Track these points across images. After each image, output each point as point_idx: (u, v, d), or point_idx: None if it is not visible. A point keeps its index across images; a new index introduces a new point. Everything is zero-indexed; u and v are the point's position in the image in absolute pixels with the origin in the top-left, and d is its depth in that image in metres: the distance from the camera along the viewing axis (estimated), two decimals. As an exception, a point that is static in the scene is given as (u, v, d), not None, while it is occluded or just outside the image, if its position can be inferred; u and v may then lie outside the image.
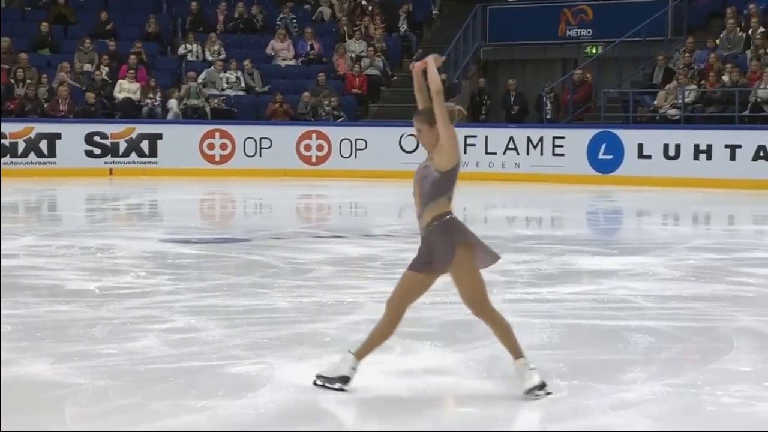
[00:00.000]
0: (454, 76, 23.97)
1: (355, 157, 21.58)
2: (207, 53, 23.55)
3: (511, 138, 21.08)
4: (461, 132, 22.25)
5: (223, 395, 5.26)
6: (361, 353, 5.37)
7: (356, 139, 21.54)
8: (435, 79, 5.21)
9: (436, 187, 5.40)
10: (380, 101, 23.59)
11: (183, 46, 23.71)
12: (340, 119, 22.00)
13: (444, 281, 8.82)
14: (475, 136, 21.28)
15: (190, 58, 23.48)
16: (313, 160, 21.59)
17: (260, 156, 21.19)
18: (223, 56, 23.32)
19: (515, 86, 22.93)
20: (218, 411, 5.02)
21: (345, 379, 5.30)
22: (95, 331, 6.69)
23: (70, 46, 22.99)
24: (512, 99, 22.84)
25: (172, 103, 21.78)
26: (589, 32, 23.95)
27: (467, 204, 17.67)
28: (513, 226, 14.13)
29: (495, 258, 5.55)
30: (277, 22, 24.70)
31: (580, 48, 24.22)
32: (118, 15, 24.40)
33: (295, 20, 24.87)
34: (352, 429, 4.91)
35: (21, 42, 22.66)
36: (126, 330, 6.75)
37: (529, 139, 20.98)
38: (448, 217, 5.45)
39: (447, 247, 5.43)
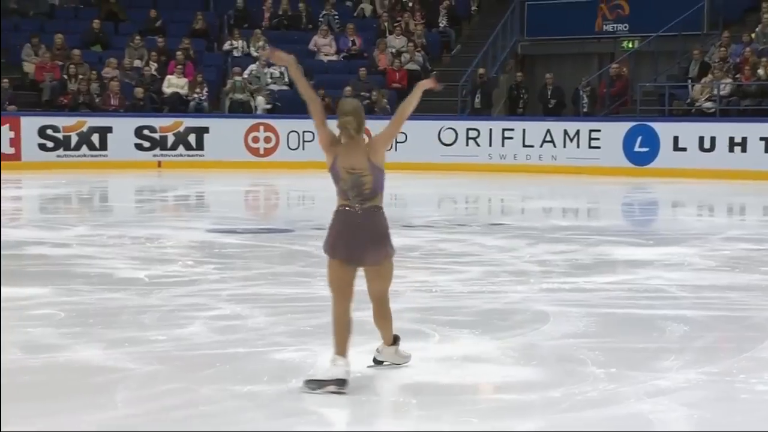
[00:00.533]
0: (492, 71, 24.05)
1: (395, 150, 21.69)
2: (252, 49, 23.81)
3: (548, 131, 21.16)
4: (500, 125, 22.32)
5: (267, 380, 5.34)
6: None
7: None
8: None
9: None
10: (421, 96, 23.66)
11: (229, 42, 23.97)
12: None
13: (482, 271, 8.99)
14: (513, 129, 21.40)
15: (235, 53, 23.74)
16: (353, 152, 21.71)
17: (303, 149, 21.40)
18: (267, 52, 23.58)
19: (552, 80, 22.97)
20: (263, 396, 5.11)
21: (341, 382, 5.20)
22: (144, 318, 6.82)
23: (121, 43, 23.33)
24: (549, 93, 22.86)
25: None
26: (625, 27, 23.92)
27: (504, 195, 17.81)
28: (550, 217, 14.18)
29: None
30: (320, 19, 24.89)
31: (616, 42, 24.18)
32: (166, 12, 24.71)
33: (337, 17, 25.06)
34: (391, 414, 4.96)
35: (74, 39, 23.00)
36: (174, 317, 6.88)
37: (565, 132, 21.05)
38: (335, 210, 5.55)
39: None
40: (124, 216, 13.91)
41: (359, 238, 5.36)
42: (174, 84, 22.33)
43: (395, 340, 5.64)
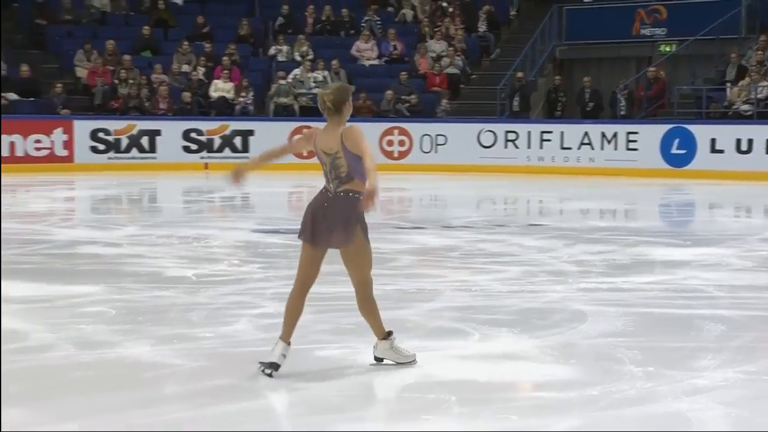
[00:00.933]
0: (530, 74, 24.09)
1: (435, 152, 21.89)
2: (296, 54, 24.03)
3: (586, 133, 21.22)
4: (538, 128, 22.40)
5: (310, 377, 5.43)
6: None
7: (436, 135, 21.84)
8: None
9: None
10: (459, 98, 23.81)
11: (273, 47, 24.22)
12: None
13: (520, 271, 9.07)
14: (551, 132, 21.49)
15: (280, 58, 23.97)
16: (395, 154, 21.92)
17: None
18: (311, 57, 23.78)
19: (590, 83, 22.97)
20: (306, 392, 5.21)
21: (273, 365, 5.42)
22: (192, 316, 6.94)
23: (170, 49, 23.66)
24: (587, 96, 22.87)
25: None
26: (663, 31, 23.88)
27: (543, 196, 17.83)
28: (587, 218, 14.20)
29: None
30: (362, 24, 25.08)
31: (654, 46, 24.12)
32: (213, 18, 25.01)
33: (379, 22, 25.25)
34: (432, 411, 5.00)
35: (125, 45, 23.38)
36: (220, 315, 6.99)
37: (603, 135, 21.09)
38: None
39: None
40: (172, 216, 14.13)
41: (327, 220, 5.42)
42: (220, 88, 22.63)
43: (388, 334, 5.69)
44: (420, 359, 5.82)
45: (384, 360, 5.72)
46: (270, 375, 5.39)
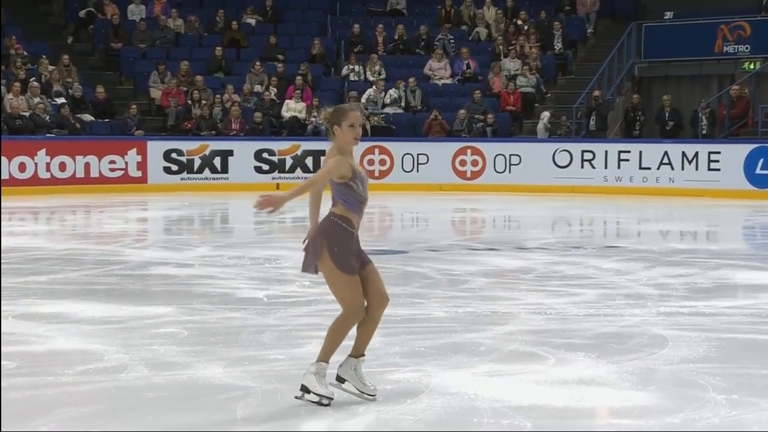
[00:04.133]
0: (608, 93, 23.82)
1: (509, 172, 21.69)
2: (368, 73, 24.10)
3: (666, 153, 20.88)
4: (615, 147, 22.20)
5: (383, 401, 5.37)
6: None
7: (510, 155, 21.66)
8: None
9: None
10: (534, 118, 23.63)
11: (346, 66, 24.33)
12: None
13: (597, 294, 8.89)
14: (629, 152, 21.19)
15: (352, 78, 24.07)
16: (468, 175, 21.80)
17: (417, 171, 21.54)
18: (383, 76, 23.83)
19: (670, 102, 22.63)
20: (379, 416, 5.15)
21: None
22: (264, 337, 6.94)
23: (242, 69, 23.91)
24: (667, 115, 22.53)
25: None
26: (746, 48, 23.38)
27: (620, 218, 17.58)
28: (667, 240, 13.96)
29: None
30: (435, 43, 25.07)
31: (737, 64, 23.67)
32: (285, 39, 25.22)
33: (452, 40, 25.22)
34: None
35: (198, 65, 23.68)
36: (292, 336, 6.99)
37: (683, 154, 20.72)
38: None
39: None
40: (243, 237, 14.19)
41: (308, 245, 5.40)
42: (292, 108, 22.77)
43: (322, 359, 5.35)
44: (494, 383, 5.75)
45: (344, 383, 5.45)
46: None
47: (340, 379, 5.42)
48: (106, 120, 21.98)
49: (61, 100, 21.45)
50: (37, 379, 5.77)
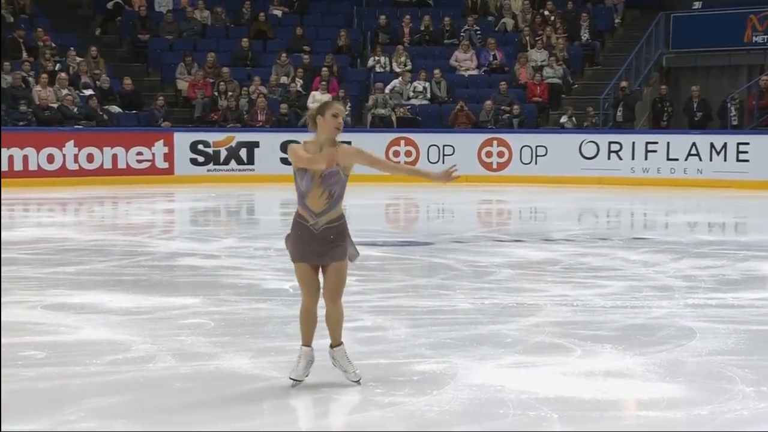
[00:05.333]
0: (635, 84, 23.68)
1: (536, 163, 21.62)
2: (394, 65, 24.07)
3: (694, 144, 20.71)
4: (643, 138, 21.96)
5: (408, 392, 5.38)
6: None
7: (536, 146, 21.58)
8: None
9: (343, 189, 5.57)
10: (560, 109, 23.52)
11: (372, 58, 24.31)
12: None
13: (624, 285, 8.85)
14: (657, 143, 21.04)
15: (378, 69, 24.04)
16: (494, 166, 21.74)
17: (443, 162, 21.47)
18: (409, 67, 23.79)
19: (699, 93, 22.45)
20: (404, 407, 5.15)
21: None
22: (289, 328, 6.90)
23: (269, 60, 23.91)
24: (695, 105, 22.35)
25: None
26: (776, 38, 23.21)
27: (647, 209, 17.48)
28: (695, 232, 13.88)
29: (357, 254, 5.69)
30: (461, 34, 24.99)
31: (766, 54, 23.45)
32: (312, 30, 25.21)
33: (478, 31, 25.12)
34: (534, 429, 4.92)
35: (224, 57, 23.72)
36: (318, 328, 6.93)
37: (712, 145, 20.56)
38: (344, 216, 5.61)
39: (347, 239, 5.57)
40: (270, 228, 14.15)
41: None
42: (318, 100, 22.69)
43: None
44: (520, 375, 5.74)
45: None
46: None
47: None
48: (134, 111, 22.08)
49: (88, 92, 21.56)
50: (65, 369, 5.82)
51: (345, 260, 5.53)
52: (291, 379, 5.54)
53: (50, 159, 19.73)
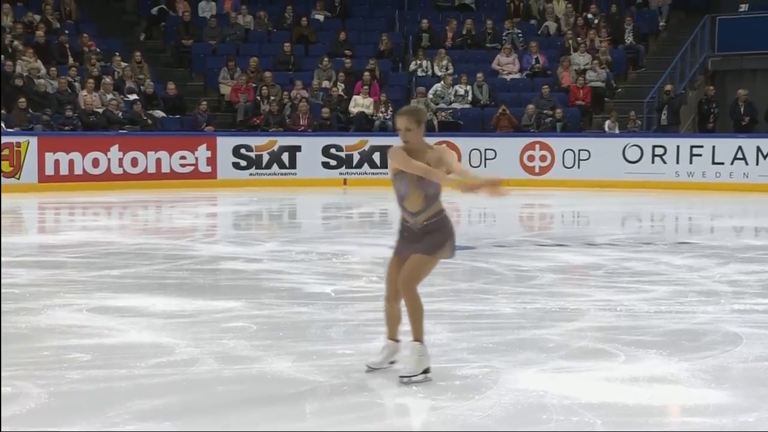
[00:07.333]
0: (680, 87, 23.48)
1: (578, 167, 21.50)
2: (436, 68, 24.06)
3: (740, 148, 20.49)
4: (687, 142, 21.73)
5: (451, 396, 5.35)
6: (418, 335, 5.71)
7: (579, 150, 21.45)
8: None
9: (438, 188, 5.69)
10: (603, 112, 23.39)
11: (414, 62, 24.32)
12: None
13: (668, 290, 8.75)
14: (702, 146, 20.85)
15: (420, 73, 24.04)
16: (536, 170, 21.65)
17: (485, 166, 21.43)
18: (451, 71, 23.77)
19: (746, 96, 22.20)
20: (447, 412, 5.12)
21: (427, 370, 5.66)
22: (331, 332, 6.95)
23: (311, 65, 24.02)
24: (742, 109, 22.11)
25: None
26: (825, 40, 22.91)
27: (692, 213, 17.31)
28: (741, 237, 13.73)
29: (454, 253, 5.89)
30: (504, 37, 24.93)
31: (815, 56, 23.20)
32: (354, 34, 25.29)
33: (521, 35, 25.05)
34: None
35: (267, 61, 23.86)
36: (359, 331, 7.01)
37: (758, 149, 20.32)
38: (444, 212, 5.76)
39: (441, 237, 5.71)
40: (311, 232, 14.24)
41: None
42: (360, 104, 22.81)
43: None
44: (563, 380, 5.70)
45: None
46: None
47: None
48: (177, 116, 22.28)
49: (133, 97, 21.78)
50: (110, 372, 5.85)
51: (422, 255, 5.68)
52: (366, 365, 5.79)
53: (95, 163, 19.94)
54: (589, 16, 25.43)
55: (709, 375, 5.87)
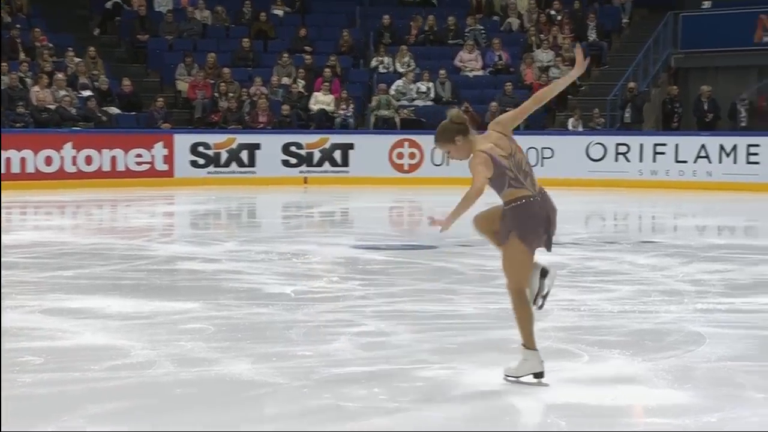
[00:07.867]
0: (643, 84, 23.58)
1: (542, 165, 21.50)
2: (398, 65, 23.98)
3: (703, 146, 20.59)
4: (651, 140, 21.91)
5: (413, 398, 5.32)
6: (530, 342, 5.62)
7: (542, 148, 21.47)
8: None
9: (498, 186, 6.04)
10: (567, 110, 23.44)
11: (375, 58, 24.22)
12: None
13: (632, 290, 8.74)
14: (665, 144, 20.93)
15: (381, 70, 23.95)
16: (499, 168, 21.61)
17: (447, 165, 21.35)
18: (413, 68, 23.70)
19: (709, 93, 22.32)
20: (409, 413, 5.09)
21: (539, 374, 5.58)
22: (291, 333, 6.88)
23: (270, 61, 23.80)
24: (705, 106, 22.23)
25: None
26: (787, 38, 23.11)
27: (656, 212, 17.37)
28: (704, 235, 13.77)
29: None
30: (466, 34, 24.90)
31: (777, 54, 23.38)
32: (314, 30, 25.12)
33: (483, 32, 25.03)
34: None
35: (225, 57, 23.62)
36: (320, 333, 6.93)
37: (721, 147, 20.43)
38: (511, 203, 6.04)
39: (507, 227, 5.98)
40: (271, 232, 14.14)
41: (552, 221, 5.96)
42: (320, 101, 22.66)
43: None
44: (527, 381, 5.65)
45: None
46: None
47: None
48: (133, 113, 21.97)
49: (87, 93, 21.45)
50: (64, 375, 5.77)
51: (505, 244, 6.12)
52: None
53: (48, 161, 19.64)
54: (552, 12, 25.46)
55: (672, 375, 5.86)
